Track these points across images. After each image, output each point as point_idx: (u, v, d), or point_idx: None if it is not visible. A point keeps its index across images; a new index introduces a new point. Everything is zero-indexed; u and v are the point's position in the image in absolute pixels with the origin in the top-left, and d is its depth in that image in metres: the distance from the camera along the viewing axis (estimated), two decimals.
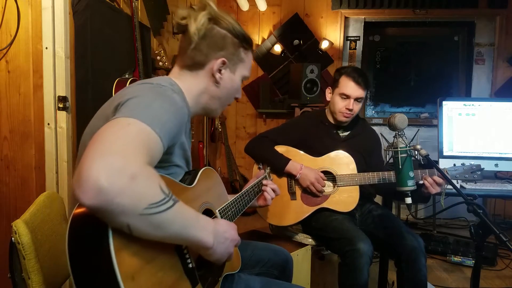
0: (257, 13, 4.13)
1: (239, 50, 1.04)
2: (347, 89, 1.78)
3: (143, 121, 0.73)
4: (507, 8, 3.78)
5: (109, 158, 0.63)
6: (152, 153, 0.73)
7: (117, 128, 0.71)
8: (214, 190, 1.12)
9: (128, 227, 0.65)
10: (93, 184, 0.60)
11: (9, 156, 1.72)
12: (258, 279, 1.18)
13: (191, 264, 0.86)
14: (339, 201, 1.78)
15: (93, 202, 0.61)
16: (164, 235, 0.71)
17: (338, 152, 1.81)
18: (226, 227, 0.90)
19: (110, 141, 0.67)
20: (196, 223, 0.78)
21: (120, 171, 0.63)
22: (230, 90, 1.06)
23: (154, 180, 0.68)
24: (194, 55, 0.99)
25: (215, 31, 0.99)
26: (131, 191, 0.63)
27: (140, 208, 0.64)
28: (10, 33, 1.66)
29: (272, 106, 4.03)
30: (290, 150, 1.85)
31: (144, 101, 0.80)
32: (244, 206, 1.29)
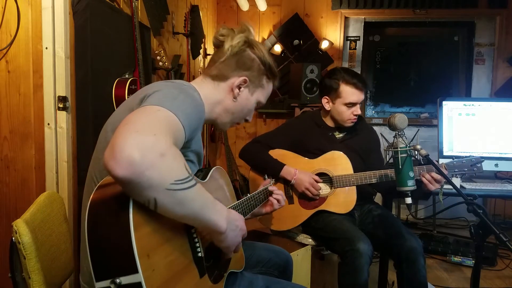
0: (257, 13, 4.13)
1: (262, 76, 1.14)
2: (353, 97, 1.76)
3: (170, 109, 0.79)
4: (507, 8, 3.78)
5: (141, 135, 0.68)
6: (177, 138, 0.78)
7: (147, 112, 0.77)
8: (223, 189, 1.16)
9: (154, 200, 0.69)
10: (127, 156, 0.64)
11: (9, 156, 1.72)
12: (260, 277, 1.20)
13: (201, 254, 0.89)
14: (336, 203, 1.77)
15: (125, 173, 0.64)
16: (184, 212, 0.74)
17: (333, 152, 1.80)
18: (237, 216, 0.95)
19: (142, 121, 0.72)
20: (213, 206, 0.82)
21: (151, 147, 0.67)
22: (244, 108, 1.14)
23: (180, 159, 0.73)
24: (221, 68, 1.08)
25: (246, 53, 1.09)
26: (160, 166, 0.67)
27: (167, 183, 0.69)
28: (10, 33, 1.66)
29: (272, 106, 4.03)
30: (285, 153, 1.84)
31: (170, 93, 0.87)
32: (250, 210, 1.30)
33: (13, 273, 0.93)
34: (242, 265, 1.17)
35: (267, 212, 1.44)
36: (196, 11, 3.29)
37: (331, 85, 1.80)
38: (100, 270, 0.68)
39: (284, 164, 1.78)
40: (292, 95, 3.80)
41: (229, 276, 1.08)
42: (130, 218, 0.68)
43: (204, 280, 0.90)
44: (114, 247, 0.68)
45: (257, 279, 1.17)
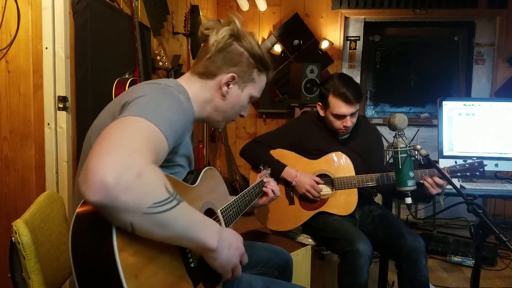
0: (257, 13, 4.13)
1: (253, 70, 1.07)
2: (340, 110, 1.70)
3: (150, 120, 0.74)
4: (507, 8, 3.78)
5: (116, 155, 0.64)
6: (158, 152, 0.74)
7: (124, 125, 0.72)
8: (216, 190, 1.12)
9: (131, 225, 0.65)
10: (100, 180, 0.61)
11: (9, 156, 1.72)
12: (259, 278, 1.18)
13: (193, 264, 0.86)
14: (337, 205, 1.76)
15: (98, 198, 0.61)
16: (167, 234, 0.70)
17: (335, 154, 1.79)
18: (233, 236, 0.89)
19: (118, 138, 0.68)
20: (201, 223, 0.77)
21: (127, 168, 0.63)
22: (235, 106, 1.08)
23: (159, 178, 0.69)
24: (207, 65, 1.02)
25: (233, 47, 1.02)
26: (136, 188, 0.64)
27: (145, 207, 0.65)
28: (10, 33, 1.66)
29: (272, 106, 4.03)
30: (286, 153, 1.83)
31: (152, 100, 0.81)
32: (246, 206, 1.28)
33: (13, 273, 0.93)
34: None
35: (264, 203, 1.43)
36: (196, 11, 3.29)
37: (323, 93, 1.77)
38: None
39: (286, 165, 1.77)
40: (292, 95, 3.80)
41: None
42: (114, 240, 0.65)
43: None
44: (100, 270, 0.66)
45: (256, 280, 1.15)
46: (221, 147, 4.21)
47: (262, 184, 1.42)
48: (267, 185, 1.42)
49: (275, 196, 1.43)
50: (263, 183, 1.42)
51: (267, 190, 1.41)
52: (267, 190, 1.41)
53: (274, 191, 1.42)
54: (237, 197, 1.23)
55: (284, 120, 4.10)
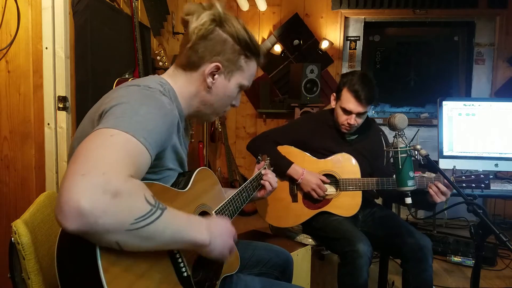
0: (257, 13, 4.13)
1: (239, 57, 0.98)
2: (348, 105, 1.71)
3: (127, 131, 0.70)
4: (507, 8, 3.78)
5: (89, 177, 0.60)
6: (137, 164, 0.70)
7: (99, 141, 0.68)
8: (210, 191, 1.09)
9: (117, 244, 0.63)
10: (74, 207, 0.58)
11: (9, 156, 1.72)
12: (257, 279, 1.17)
13: (186, 273, 0.84)
14: (341, 205, 1.76)
15: (75, 226, 0.58)
16: (157, 244, 0.69)
17: (342, 155, 1.78)
18: (219, 221, 0.89)
19: (90, 157, 0.64)
20: (188, 225, 0.76)
21: (102, 189, 0.60)
22: (223, 97, 1.01)
23: (138, 193, 0.66)
24: (189, 55, 0.95)
25: (216, 33, 0.94)
26: (114, 209, 0.61)
27: (127, 224, 0.62)
28: (10, 33, 1.66)
29: (272, 106, 4.03)
30: (293, 151, 1.83)
31: (130, 108, 0.76)
32: (242, 203, 1.25)
33: (13, 273, 0.93)
34: (236, 267, 1.13)
35: (262, 197, 1.40)
36: None
37: (339, 84, 1.79)
38: None
39: (292, 162, 1.77)
40: (292, 95, 3.80)
41: (224, 280, 1.06)
42: (98, 261, 0.63)
43: None
44: None
45: (253, 282, 1.15)
46: (221, 147, 4.21)
47: (261, 177, 1.39)
48: (264, 178, 1.38)
49: (273, 188, 1.40)
50: (261, 175, 1.39)
51: (264, 182, 1.38)
52: (265, 183, 1.38)
53: (271, 183, 1.38)
54: (233, 195, 1.20)
55: (284, 120, 4.10)
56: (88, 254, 0.64)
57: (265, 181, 1.38)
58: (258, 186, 1.38)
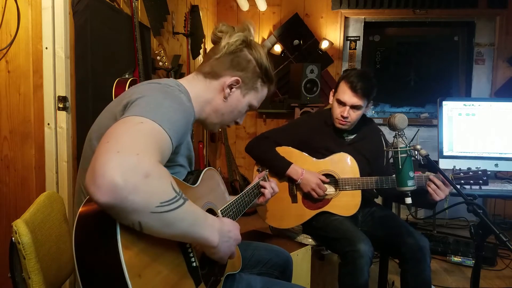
0: (257, 13, 4.13)
1: (257, 79, 1.08)
2: (343, 96, 1.73)
3: (154, 120, 0.74)
4: (507, 8, 3.78)
5: (123, 155, 0.64)
6: (162, 151, 0.74)
7: (129, 126, 0.72)
8: (216, 191, 1.13)
9: (139, 224, 0.66)
10: (108, 181, 0.61)
11: (9, 156, 1.72)
12: (259, 278, 1.19)
13: (195, 263, 0.87)
14: (340, 205, 1.76)
15: (107, 199, 0.61)
16: (173, 232, 0.71)
17: (341, 154, 1.78)
18: (231, 226, 0.92)
19: (123, 138, 0.68)
20: (204, 221, 0.79)
21: (134, 168, 0.63)
22: (234, 110, 1.08)
23: (166, 178, 0.69)
24: (214, 65, 1.04)
25: (243, 53, 1.04)
26: (144, 188, 0.64)
27: (152, 206, 0.65)
28: (10, 33, 1.66)
29: (272, 106, 4.03)
30: (292, 151, 1.83)
31: (154, 100, 0.81)
32: (245, 207, 1.29)
33: (13, 273, 0.93)
34: (239, 266, 1.16)
35: (261, 203, 1.44)
36: (196, 11, 3.29)
37: (339, 78, 1.82)
38: None
39: (291, 163, 1.76)
40: (292, 95, 3.80)
41: (226, 279, 1.07)
42: (118, 239, 0.65)
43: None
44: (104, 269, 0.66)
45: (255, 280, 1.16)
46: (221, 147, 4.21)
47: (260, 186, 1.43)
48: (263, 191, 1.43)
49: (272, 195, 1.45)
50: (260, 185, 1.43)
51: (264, 191, 1.42)
52: (264, 191, 1.42)
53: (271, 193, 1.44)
54: (236, 197, 1.24)
55: (284, 120, 4.10)
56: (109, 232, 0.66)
57: (265, 189, 1.42)
58: (258, 194, 1.42)
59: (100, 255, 0.67)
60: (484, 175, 1.59)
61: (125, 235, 0.67)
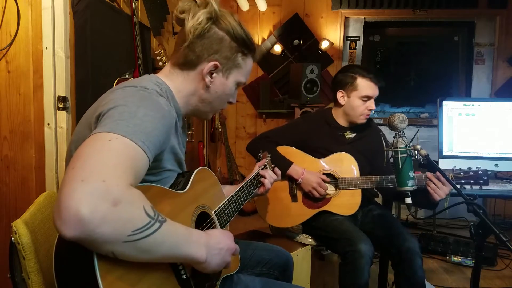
0: (257, 13, 4.13)
1: (236, 54, 0.98)
2: (369, 91, 1.77)
3: (125, 135, 0.69)
4: (507, 8, 3.78)
5: (89, 184, 0.59)
6: (136, 169, 0.69)
7: (97, 146, 0.67)
8: (210, 191, 1.09)
9: (112, 254, 0.63)
10: (74, 214, 0.57)
11: (9, 156, 1.72)
12: (258, 279, 1.17)
13: (185, 275, 0.84)
14: (340, 204, 1.76)
15: (74, 233, 0.58)
16: (154, 257, 0.68)
17: (341, 154, 1.78)
18: (220, 237, 0.87)
19: (90, 162, 0.63)
20: (188, 239, 0.75)
21: (102, 197, 0.59)
22: (221, 95, 1.01)
23: (138, 203, 0.65)
24: (186, 54, 0.95)
25: (213, 31, 0.94)
26: (114, 218, 0.60)
27: (124, 235, 0.61)
28: (10, 33, 1.66)
29: (272, 106, 4.03)
30: (292, 151, 1.83)
31: (127, 110, 0.75)
32: (243, 202, 1.26)
33: (13, 273, 0.93)
34: (236, 267, 1.13)
35: (261, 193, 1.42)
36: None
37: (347, 79, 1.80)
38: None
39: (292, 162, 1.77)
40: (292, 95, 3.80)
41: (224, 281, 1.05)
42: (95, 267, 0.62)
43: None
44: None
45: (254, 282, 1.15)
46: (221, 147, 4.21)
47: (259, 176, 1.40)
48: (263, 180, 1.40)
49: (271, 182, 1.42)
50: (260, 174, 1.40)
51: (263, 180, 1.39)
52: (264, 181, 1.39)
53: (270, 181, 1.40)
54: (232, 194, 1.20)
55: (284, 120, 4.10)
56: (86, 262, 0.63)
57: (264, 179, 1.39)
58: (258, 184, 1.39)
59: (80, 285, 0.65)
60: (484, 174, 1.59)
61: (103, 261, 0.64)
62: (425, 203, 1.60)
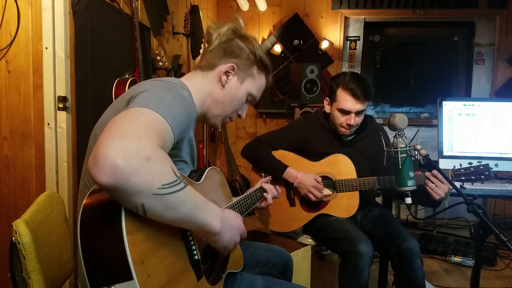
0: (257, 13, 4.13)
1: (252, 65, 1.09)
2: (346, 104, 1.67)
3: (156, 111, 0.76)
4: (507, 8, 3.78)
5: (125, 140, 0.66)
6: (164, 140, 0.76)
7: (132, 115, 0.74)
8: (219, 190, 1.14)
9: (142, 206, 0.67)
10: (110, 163, 0.62)
11: (9, 156, 1.72)
12: (260, 278, 1.19)
13: (197, 256, 0.88)
14: (339, 207, 1.75)
15: (109, 180, 0.63)
16: (175, 216, 0.73)
17: (337, 155, 1.76)
18: (233, 215, 0.94)
19: (126, 125, 0.70)
20: (205, 207, 0.80)
21: (136, 152, 0.65)
22: (234, 98, 1.08)
23: (167, 162, 0.71)
24: (209, 57, 1.06)
25: (236, 41, 1.06)
26: (145, 171, 0.65)
27: (154, 188, 0.67)
28: (10, 33, 1.66)
29: (272, 106, 4.03)
30: (288, 154, 1.81)
31: (157, 94, 0.84)
32: (247, 208, 1.30)
33: (13, 273, 0.93)
34: (240, 265, 1.16)
35: (262, 207, 1.45)
36: (196, 11, 3.29)
37: (332, 87, 1.76)
38: (94, 277, 0.67)
39: (287, 166, 1.75)
40: (292, 95, 3.80)
41: (228, 277, 1.08)
42: (122, 225, 0.67)
43: (202, 283, 0.89)
44: (108, 254, 0.67)
45: (256, 280, 1.17)
46: (221, 147, 4.21)
47: (263, 190, 1.44)
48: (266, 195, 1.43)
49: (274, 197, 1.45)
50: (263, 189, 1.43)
51: (266, 195, 1.42)
52: (267, 196, 1.42)
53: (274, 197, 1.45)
54: (239, 198, 1.25)
55: (284, 120, 4.10)
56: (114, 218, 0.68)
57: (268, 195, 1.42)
58: (261, 197, 1.42)
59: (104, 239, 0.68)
60: (485, 169, 1.56)
61: (130, 221, 0.68)
62: (426, 202, 1.59)
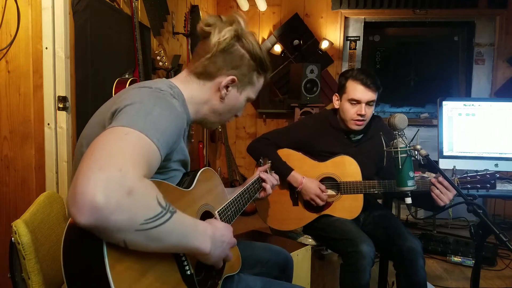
0: (257, 13, 4.13)
1: (253, 73, 1.04)
2: (356, 94, 1.67)
3: (141, 130, 0.71)
4: (507, 8, 3.78)
5: (105, 172, 0.61)
6: (149, 163, 0.71)
7: (113, 138, 0.69)
8: (214, 191, 1.11)
9: (124, 242, 0.64)
10: (90, 199, 0.58)
11: (9, 156, 1.72)
12: (258, 279, 1.18)
13: (189, 271, 0.85)
14: (342, 208, 1.74)
15: (88, 220, 0.59)
16: (162, 246, 0.70)
17: (343, 157, 1.74)
18: (224, 230, 0.90)
19: (106, 152, 0.65)
20: (194, 231, 0.77)
21: (117, 185, 0.61)
22: (232, 108, 1.06)
23: (151, 193, 0.67)
24: (207, 65, 0.99)
25: (235, 48, 0.99)
26: (127, 206, 0.61)
27: (137, 224, 0.63)
28: (10, 33, 1.66)
29: (272, 106, 4.03)
30: (292, 154, 1.80)
31: (143, 108, 0.78)
32: (244, 205, 1.28)
33: (13, 273, 0.93)
34: (238, 267, 1.14)
35: (262, 198, 1.43)
36: (196, 11, 3.29)
37: (341, 81, 1.76)
38: None
39: (292, 169, 1.73)
40: (292, 95, 3.80)
41: (226, 280, 1.06)
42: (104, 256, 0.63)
43: None
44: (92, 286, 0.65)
45: (254, 281, 1.15)
46: (221, 147, 4.21)
47: (261, 180, 1.41)
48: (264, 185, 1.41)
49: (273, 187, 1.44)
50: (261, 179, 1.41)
51: (265, 185, 1.40)
52: (265, 186, 1.40)
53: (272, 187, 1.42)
54: (235, 195, 1.22)
55: (284, 120, 4.10)
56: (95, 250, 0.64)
57: (266, 183, 1.40)
58: (259, 188, 1.40)
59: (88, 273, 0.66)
60: (492, 178, 1.55)
61: (112, 251, 0.65)
62: (430, 207, 1.59)
